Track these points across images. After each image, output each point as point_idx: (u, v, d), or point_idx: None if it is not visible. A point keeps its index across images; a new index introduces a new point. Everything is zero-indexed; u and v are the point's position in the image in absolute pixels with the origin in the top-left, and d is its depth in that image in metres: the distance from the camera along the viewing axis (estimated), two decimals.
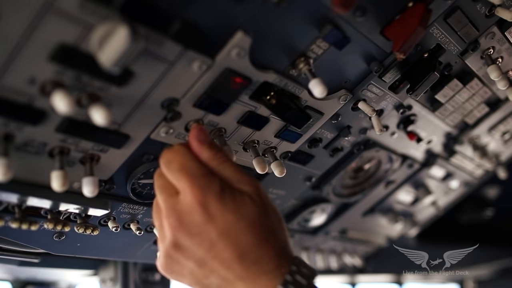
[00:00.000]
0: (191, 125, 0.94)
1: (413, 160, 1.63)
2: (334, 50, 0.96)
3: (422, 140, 1.49)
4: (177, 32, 0.75)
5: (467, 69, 1.28)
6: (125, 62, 0.68)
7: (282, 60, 0.93)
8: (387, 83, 1.14)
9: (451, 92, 1.32)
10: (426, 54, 1.13)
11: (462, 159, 1.80)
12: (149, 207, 1.15)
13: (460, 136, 1.63)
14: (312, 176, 1.39)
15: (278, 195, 1.39)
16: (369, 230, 2.05)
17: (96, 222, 1.09)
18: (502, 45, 1.23)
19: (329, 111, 1.11)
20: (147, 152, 0.99)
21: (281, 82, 0.95)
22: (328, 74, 1.02)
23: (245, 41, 0.83)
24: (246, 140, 1.08)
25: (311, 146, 1.23)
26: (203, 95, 0.89)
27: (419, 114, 1.37)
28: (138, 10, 0.70)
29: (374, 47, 1.02)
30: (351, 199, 1.64)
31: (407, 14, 0.95)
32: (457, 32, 1.11)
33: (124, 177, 1.03)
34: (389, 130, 1.37)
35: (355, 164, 1.48)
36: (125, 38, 0.65)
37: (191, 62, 0.81)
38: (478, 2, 1.06)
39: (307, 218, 1.62)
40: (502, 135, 1.79)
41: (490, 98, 1.49)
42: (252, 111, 0.99)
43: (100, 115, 0.71)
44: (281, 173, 1.06)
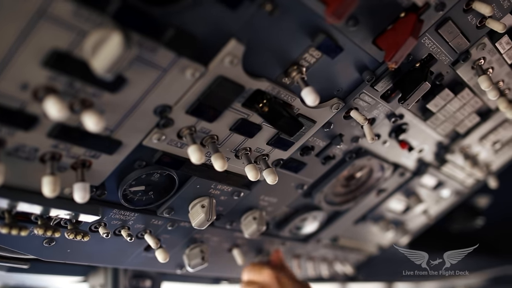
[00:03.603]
0: (183, 132, 0.94)
1: (404, 168, 1.63)
2: (327, 59, 0.97)
3: (413, 149, 1.50)
4: (171, 40, 0.75)
5: (458, 79, 1.28)
6: (118, 68, 0.68)
7: (275, 68, 0.94)
8: (379, 92, 1.15)
9: (442, 102, 1.33)
10: (418, 64, 1.14)
11: (453, 168, 1.81)
12: (140, 213, 1.15)
13: (451, 145, 1.64)
14: (304, 184, 1.39)
15: (269, 203, 1.39)
16: (360, 238, 2.06)
17: (86, 228, 1.09)
18: (492, 55, 1.24)
19: (321, 119, 1.12)
20: (139, 158, 0.99)
21: (274, 90, 0.96)
22: (320, 83, 1.02)
23: (238, 49, 0.83)
24: (238, 147, 1.08)
25: (303, 154, 1.23)
26: (196, 102, 0.89)
27: (410, 123, 1.38)
28: (132, 17, 0.70)
29: (366, 56, 1.03)
30: (343, 207, 1.64)
31: (399, 24, 0.96)
32: (449, 43, 1.12)
33: (115, 183, 1.03)
34: (381, 138, 1.38)
35: (347, 172, 1.48)
36: (118, 45, 0.66)
37: (184, 70, 0.81)
38: (469, 13, 1.07)
39: (298, 226, 1.63)
40: (493, 144, 1.80)
41: (481, 108, 1.50)
42: (245, 118, 0.99)
43: (92, 121, 0.71)
44: (273, 180, 1.06)
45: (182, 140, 0.97)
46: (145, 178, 1.05)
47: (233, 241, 1.49)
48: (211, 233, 1.39)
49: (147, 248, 1.28)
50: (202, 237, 1.39)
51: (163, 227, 1.24)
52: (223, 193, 1.22)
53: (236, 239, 1.49)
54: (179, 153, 1.00)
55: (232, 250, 1.51)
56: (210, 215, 1.16)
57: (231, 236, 1.46)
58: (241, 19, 0.80)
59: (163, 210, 1.17)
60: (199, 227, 1.17)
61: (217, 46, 0.83)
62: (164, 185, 1.10)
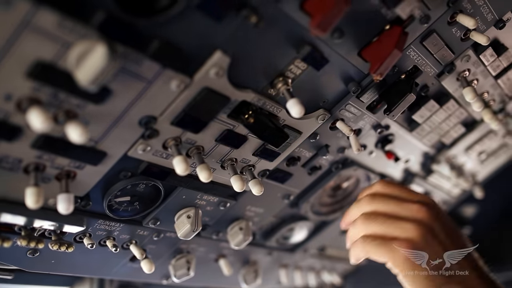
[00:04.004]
0: (168, 142, 0.94)
1: (391, 178, 1.64)
2: (312, 70, 0.97)
3: (399, 159, 1.51)
4: (156, 51, 0.75)
5: (444, 90, 1.30)
6: (102, 80, 0.68)
7: (261, 79, 0.94)
8: (365, 103, 1.15)
9: (428, 113, 1.34)
10: (403, 76, 1.15)
11: (439, 178, 1.82)
12: (126, 224, 1.14)
13: (437, 155, 1.65)
14: (290, 194, 1.39)
15: (256, 213, 1.39)
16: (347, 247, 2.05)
17: (71, 238, 1.08)
18: (477, 67, 1.25)
19: (307, 130, 1.12)
20: (124, 169, 0.99)
21: (259, 101, 0.96)
22: (306, 94, 1.03)
23: (223, 61, 0.83)
24: (224, 158, 1.08)
25: (289, 164, 1.24)
26: (181, 113, 0.89)
27: (396, 133, 1.39)
28: (116, 29, 0.70)
29: (352, 68, 1.03)
30: (330, 217, 1.64)
31: (384, 36, 0.97)
32: (433, 55, 1.13)
33: (100, 194, 1.03)
34: (367, 149, 1.38)
35: (333, 183, 1.49)
36: (103, 56, 0.66)
37: (169, 81, 0.81)
38: (454, 26, 1.08)
39: (285, 236, 1.63)
40: (479, 155, 1.81)
41: (466, 119, 1.51)
42: (230, 129, 1.00)
43: (76, 132, 0.70)
44: (259, 191, 1.06)
45: (167, 151, 0.96)
46: (131, 189, 1.04)
47: (219, 251, 1.49)
48: (197, 243, 1.39)
49: (132, 259, 1.27)
50: (188, 248, 1.38)
51: (148, 238, 1.23)
52: (209, 203, 1.22)
53: (223, 249, 1.49)
54: (165, 163, 1.00)
55: (219, 260, 1.50)
56: (196, 226, 1.16)
57: (218, 246, 1.46)
58: (226, 31, 0.80)
59: (149, 221, 1.16)
60: (185, 238, 1.17)
61: (202, 58, 0.83)
62: (149, 195, 1.10)
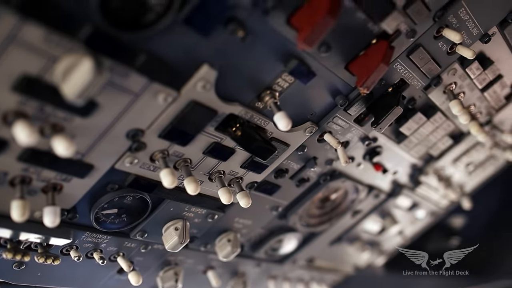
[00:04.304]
0: (156, 155, 0.94)
1: (379, 190, 1.65)
2: (300, 84, 0.98)
3: (387, 171, 1.51)
4: (142, 65, 0.76)
5: (431, 103, 1.31)
6: (88, 94, 0.68)
7: (248, 92, 0.94)
8: (352, 116, 1.16)
9: (415, 125, 1.35)
10: (391, 89, 1.15)
11: (427, 190, 1.83)
12: (113, 236, 1.14)
13: (425, 167, 1.66)
14: (279, 206, 1.40)
15: (244, 225, 1.39)
16: (336, 258, 2.06)
17: (58, 251, 1.08)
18: (463, 81, 1.27)
19: (295, 142, 1.13)
20: (111, 181, 0.99)
21: (247, 114, 0.96)
22: (294, 107, 1.03)
23: (210, 74, 0.84)
24: (212, 171, 1.08)
25: (278, 177, 1.24)
26: (169, 126, 0.89)
27: (384, 146, 1.39)
28: (103, 43, 0.70)
29: (339, 81, 1.04)
30: (318, 228, 1.65)
31: (371, 50, 0.98)
32: (420, 68, 1.14)
33: (87, 206, 1.02)
34: (355, 161, 1.39)
35: (321, 194, 1.49)
36: (89, 70, 0.66)
37: (156, 94, 0.81)
38: (440, 40, 1.10)
39: (274, 247, 1.62)
40: (466, 166, 1.83)
41: (454, 131, 1.52)
42: (218, 142, 1.00)
43: (62, 146, 0.70)
44: (247, 204, 1.07)
45: (154, 164, 0.96)
46: (118, 201, 1.04)
47: (207, 263, 1.48)
48: (185, 255, 1.38)
49: (120, 271, 1.26)
50: (176, 260, 1.38)
51: (136, 250, 1.23)
52: (197, 215, 1.22)
53: (211, 261, 1.48)
54: (152, 176, 1.00)
55: (207, 272, 1.49)
56: (184, 238, 1.16)
57: (206, 258, 1.45)
58: (214, 45, 0.81)
59: (136, 233, 1.16)
60: (172, 250, 1.17)
61: (189, 71, 0.83)
62: (137, 208, 1.09)
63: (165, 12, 0.72)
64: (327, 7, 0.78)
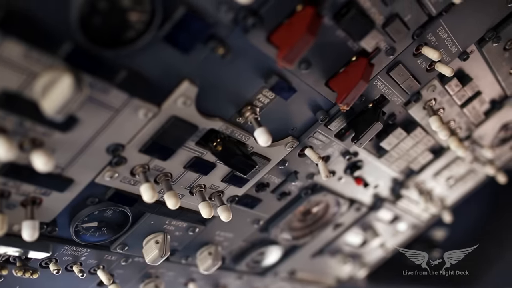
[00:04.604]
0: (136, 169, 0.94)
1: (360, 203, 1.66)
2: (281, 99, 0.98)
3: (368, 185, 1.53)
4: (123, 81, 0.76)
5: (411, 118, 1.32)
6: (68, 110, 0.68)
7: (229, 108, 0.95)
8: (333, 131, 1.17)
9: (395, 140, 1.37)
10: (371, 104, 1.17)
11: (408, 203, 1.84)
12: (93, 249, 1.13)
13: (406, 181, 1.68)
14: (260, 219, 1.40)
15: (225, 238, 1.39)
16: (318, 271, 2.06)
17: (36, 264, 1.07)
18: (443, 97, 1.28)
19: (276, 157, 1.13)
20: (91, 195, 0.99)
21: (228, 130, 0.97)
22: (274, 122, 1.04)
23: (191, 91, 0.84)
24: (193, 185, 1.08)
25: (259, 190, 1.25)
26: (149, 141, 0.89)
27: (365, 160, 1.41)
28: (83, 60, 0.71)
29: (320, 97, 1.05)
30: (300, 241, 1.65)
31: (351, 67, 0.99)
32: (400, 85, 1.15)
33: (67, 219, 1.02)
34: (336, 175, 1.40)
35: (303, 208, 1.50)
36: (69, 87, 0.66)
37: (137, 110, 0.82)
38: (419, 57, 1.11)
39: (256, 260, 1.63)
40: (447, 180, 1.84)
41: (434, 146, 1.54)
42: (199, 156, 1.00)
43: (41, 161, 0.71)
44: (227, 218, 1.07)
45: (135, 178, 0.97)
46: (98, 215, 1.04)
47: (188, 275, 1.48)
48: (166, 268, 1.38)
49: (100, 284, 1.25)
50: (157, 272, 1.37)
51: (116, 262, 1.23)
52: (178, 228, 1.22)
53: (192, 274, 1.48)
54: (133, 190, 1.00)
55: (188, 285, 1.49)
56: (164, 251, 1.16)
57: (187, 270, 1.45)
58: (194, 61, 0.82)
59: (117, 246, 1.16)
60: (153, 263, 1.17)
61: (170, 87, 0.84)
62: (117, 221, 1.09)
63: (145, 30, 0.72)
64: (306, 26, 0.79)
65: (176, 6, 0.73)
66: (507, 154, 1.92)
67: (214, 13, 0.76)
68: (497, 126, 1.64)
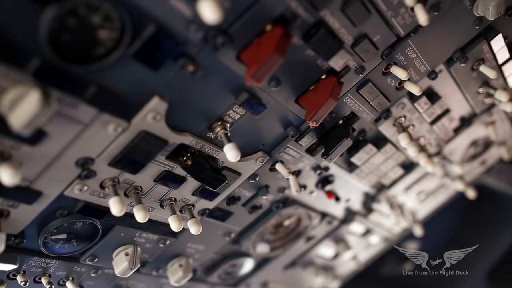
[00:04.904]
0: (106, 183, 0.95)
1: (332, 217, 1.68)
2: (251, 115, 1.00)
3: (340, 199, 1.54)
4: (92, 96, 0.77)
5: (381, 135, 1.34)
6: (36, 124, 0.69)
7: (200, 123, 0.96)
8: (304, 147, 1.19)
9: (366, 156, 1.39)
10: (341, 121, 1.19)
11: (380, 217, 1.87)
12: (62, 260, 1.13)
13: (377, 195, 1.70)
14: (232, 232, 1.41)
15: (197, 250, 1.40)
16: (291, 282, 2.07)
17: (3, 276, 1.06)
18: (412, 114, 1.31)
19: (247, 171, 1.15)
20: (60, 207, 0.98)
21: (198, 144, 0.98)
22: (245, 137, 1.06)
23: (161, 106, 0.85)
24: (163, 198, 1.09)
25: (230, 204, 1.26)
26: (119, 155, 0.90)
27: (336, 174, 1.42)
28: (52, 75, 0.71)
29: (290, 113, 1.07)
30: (272, 253, 1.66)
31: (320, 85, 1.01)
32: (370, 102, 1.17)
33: (36, 231, 1.02)
34: (308, 189, 1.41)
35: (274, 221, 1.51)
36: (36, 102, 0.66)
37: (106, 124, 0.82)
38: (388, 76, 1.14)
39: (228, 271, 1.63)
40: (418, 194, 1.87)
41: (405, 161, 1.56)
42: (169, 170, 1.01)
43: (7, 175, 0.71)
44: (197, 231, 1.08)
45: (104, 191, 0.97)
46: (67, 227, 1.04)
47: (159, 287, 1.48)
48: (137, 279, 1.38)
49: None
50: (127, 284, 1.37)
51: (86, 274, 1.22)
52: (149, 241, 1.22)
53: (163, 285, 1.48)
54: (102, 203, 1.00)
55: None
56: (134, 264, 1.16)
57: (158, 282, 1.45)
58: (164, 78, 0.83)
59: (86, 258, 1.15)
60: (122, 275, 1.17)
61: (140, 102, 0.84)
62: (87, 233, 1.09)
63: (115, 47, 0.73)
64: (275, 46, 0.80)
65: (146, 24, 0.74)
66: (477, 170, 1.96)
67: (184, 32, 0.77)
68: (467, 143, 1.68)
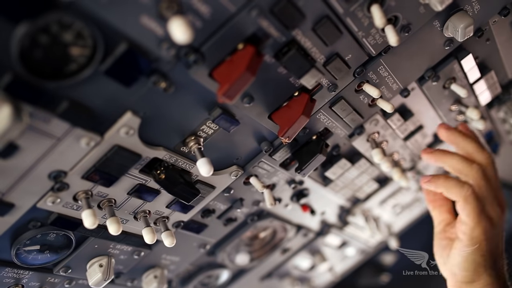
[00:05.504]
0: (79, 195, 0.95)
1: (307, 229, 1.69)
2: (225, 130, 1.01)
3: (315, 212, 1.56)
4: (64, 111, 0.78)
5: (355, 150, 1.37)
6: (7, 139, 0.70)
7: (173, 138, 0.98)
8: (278, 161, 1.20)
9: (340, 170, 1.41)
10: (315, 136, 1.21)
11: (356, 230, 1.89)
12: (35, 271, 1.13)
13: (353, 208, 1.72)
14: (207, 244, 1.42)
15: (172, 261, 1.40)
16: None
17: None
18: (386, 130, 1.34)
19: (221, 185, 1.16)
20: (33, 219, 0.99)
21: (171, 158, 0.99)
22: (219, 151, 1.07)
23: (134, 121, 0.86)
24: (137, 210, 1.10)
25: (204, 216, 1.27)
26: (92, 169, 0.91)
27: (311, 188, 1.44)
28: (24, 91, 0.72)
29: (264, 128, 1.08)
30: (248, 265, 1.67)
31: (293, 102, 1.03)
32: (343, 119, 1.19)
33: (8, 243, 1.02)
34: (282, 202, 1.43)
35: (250, 233, 1.52)
36: (7, 117, 0.67)
37: (79, 139, 0.83)
38: (361, 94, 1.16)
39: (204, 282, 1.64)
40: (393, 207, 1.90)
41: (379, 175, 1.59)
42: (143, 184, 1.02)
43: None
44: (171, 243, 1.09)
45: (78, 203, 0.98)
46: (41, 238, 1.04)
47: None
48: None
49: None
50: None
51: (60, 285, 1.22)
52: (123, 252, 1.23)
53: None
54: (75, 215, 1.01)
55: None
56: (108, 275, 1.16)
57: None
58: (137, 94, 0.84)
59: (60, 269, 1.15)
60: (96, 287, 1.17)
61: (114, 117, 0.86)
62: (60, 244, 1.09)
63: (87, 63, 0.74)
64: (246, 65, 0.82)
65: (118, 42, 0.75)
66: None
67: (156, 50, 0.78)
68: None
